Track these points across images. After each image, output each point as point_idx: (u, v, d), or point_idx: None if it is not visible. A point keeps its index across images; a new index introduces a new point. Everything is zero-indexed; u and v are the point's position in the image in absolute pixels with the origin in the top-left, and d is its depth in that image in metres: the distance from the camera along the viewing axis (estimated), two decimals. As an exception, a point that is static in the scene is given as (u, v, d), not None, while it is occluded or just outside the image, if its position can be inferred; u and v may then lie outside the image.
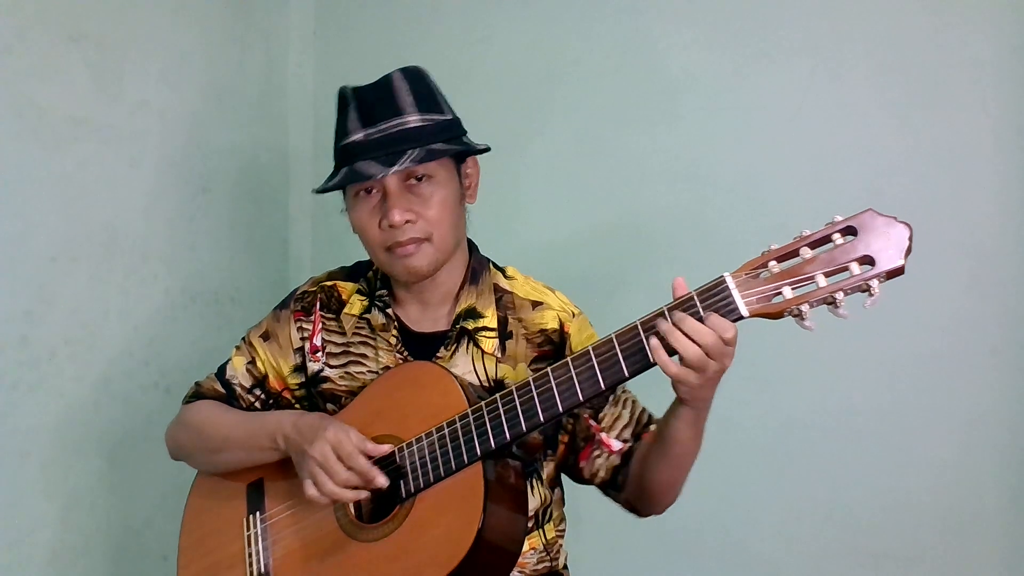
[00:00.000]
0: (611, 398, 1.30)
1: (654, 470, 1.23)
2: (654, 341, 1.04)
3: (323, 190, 1.26)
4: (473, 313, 1.31)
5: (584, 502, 1.37)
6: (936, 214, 1.62)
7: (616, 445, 1.28)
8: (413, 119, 1.22)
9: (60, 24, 1.64)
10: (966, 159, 1.64)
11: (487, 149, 1.30)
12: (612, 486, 1.30)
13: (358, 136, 1.23)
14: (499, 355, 1.30)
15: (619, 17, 1.92)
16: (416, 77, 1.26)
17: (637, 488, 1.27)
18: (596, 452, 1.29)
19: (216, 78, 2.02)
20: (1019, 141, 1.60)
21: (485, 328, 1.30)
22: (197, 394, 1.44)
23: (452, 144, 1.24)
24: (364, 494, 1.18)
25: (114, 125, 1.76)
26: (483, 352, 1.30)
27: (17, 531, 1.61)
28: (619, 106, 1.92)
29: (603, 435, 1.29)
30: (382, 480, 1.17)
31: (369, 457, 1.19)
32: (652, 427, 1.29)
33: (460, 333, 1.31)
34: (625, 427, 1.29)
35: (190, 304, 1.96)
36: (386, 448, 1.19)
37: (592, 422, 1.29)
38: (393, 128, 1.21)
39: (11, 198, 1.57)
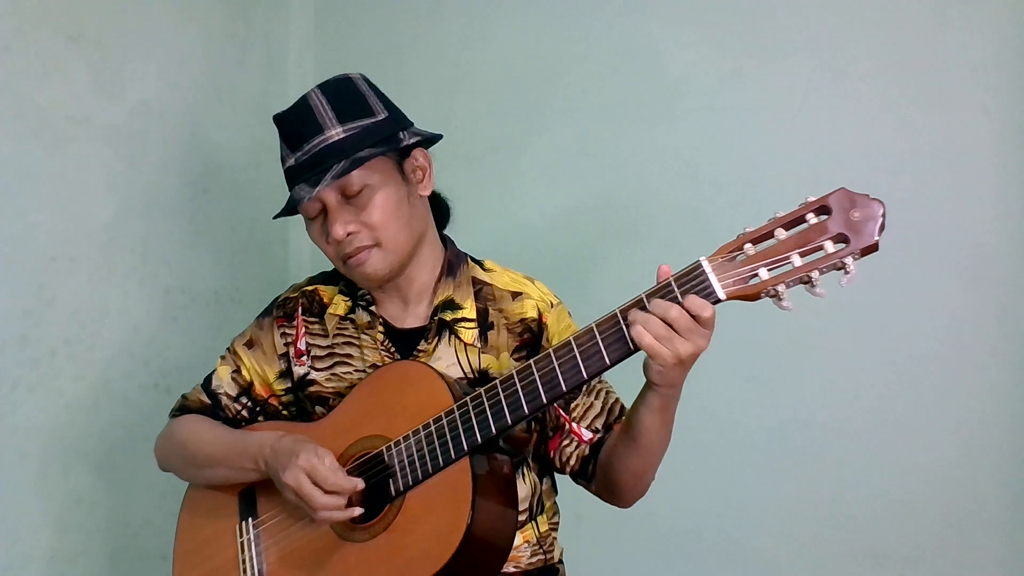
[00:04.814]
0: (585, 388, 1.30)
1: (621, 460, 1.23)
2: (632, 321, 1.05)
3: (277, 216, 1.31)
4: (451, 304, 1.32)
5: (584, 499, 1.37)
6: (936, 214, 1.62)
7: (587, 435, 1.29)
8: (334, 132, 1.23)
9: (60, 24, 1.64)
10: (966, 159, 1.64)
11: (435, 138, 1.31)
12: (582, 476, 1.31)
13: (290, 162, 1.27)
14: (480, 345, 1.30)
15: (619, 17, 1.92)
16: (335, 89, 1.27)
17: (605, 479, 1.27)
18: (565, 441, 1.30)
19: (216, 78, 2.02)
20: (1019, 141, 1.60)
21: (464, 319, 1.31)
22: (183, 407, 1.45)
23: (381, 146, 1.25)
24: (353, 512, 1.18)
25: (114, 125, 1.76)
26: (464, 343, 1.30)
27: (17, 531, 1.61)
28: (619, 106, 1.92)
29: (573, 425, 1.29)
30: (357, 511, 1.18)
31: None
32: (623, 420, 1.29)
33: (440, 325, 1.31)
34: (596, 417, 1.29)
35: (190, 304, 1.96)
36: (357, 481, 1.18)
37: (562, 412, 1.30)
38: (316, 147, 1.23)
39: (11, 198, 1.57)
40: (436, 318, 1.31)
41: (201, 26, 1.98)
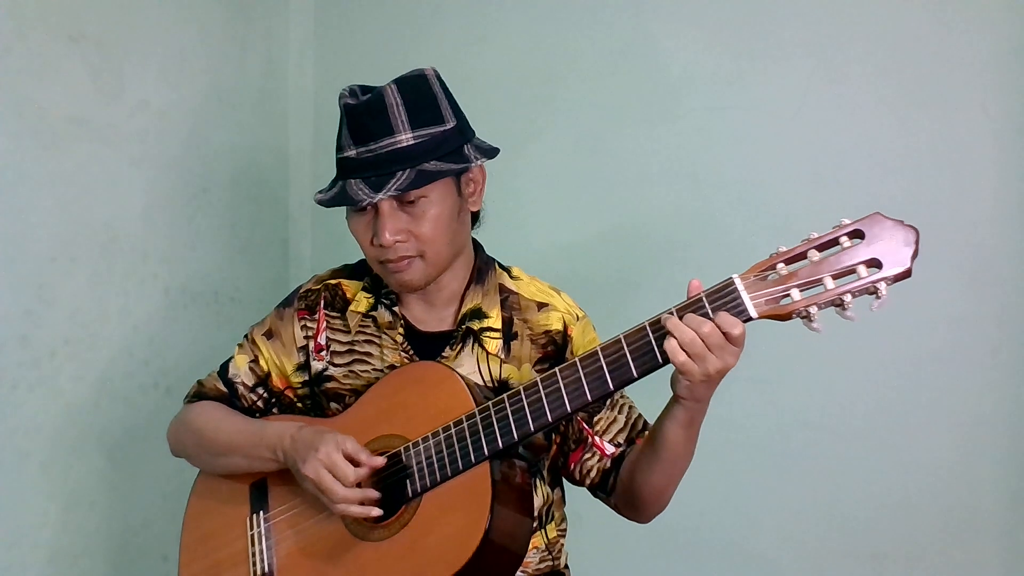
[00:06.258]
0: (608, 402, 1.30)
1: (644, 474, 1.23)
2: (667, 336, 1.04)
3: (325, 204, 1.25)
4: (478, 313, 1.31)
5: (585, 502, 1.37)
6: (936, 214, 1.62)
7: (609, 449, 1.28)
8: (405, 137, 1.20)
9: (60, 24, 1.64)
10: (966, 159, 1.64)
11: (493, 153, 1.28)
12: (602, 489, 1.30)
13: (350, 153, 1.22)
14: (503, 356, 1.30)
15: (619, 17, 1.92)
16: (413, 88, 1.23)
17: (626, 493, 1.27)
18: (587, 455, 1.29)
19: (216, 78, 2.02)
20: (1019, 141, 1.60)
21: (490, 329, 1.30)
22: (199, 393, 1.44)
23: (448, 160, 1.22)
24: (370, 511, 1.17)
25: (114, 125, 1.76)
26: (487, 353, 1.30)
27: (17, 531, 1.61)
28: (619, 106, 1.92)
29: (596, 438, 1.29)
30: (376, 512, 1.17)
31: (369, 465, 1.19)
32: (647, 433, 1.29)
33: (465, 333, 1.31)
34: (620, 432, 1.29)
35: (190, 304, 1.96)
36: (380, 460, 1.18)
37: (585, 425, 1.29)
38: (383, 149, 1.20)
39: (11, 198, 1.57)
40: (463, 326, 1.30)
41: (201, 26, 1.98)
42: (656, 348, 1.06)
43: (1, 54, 1.55)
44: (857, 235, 0.99)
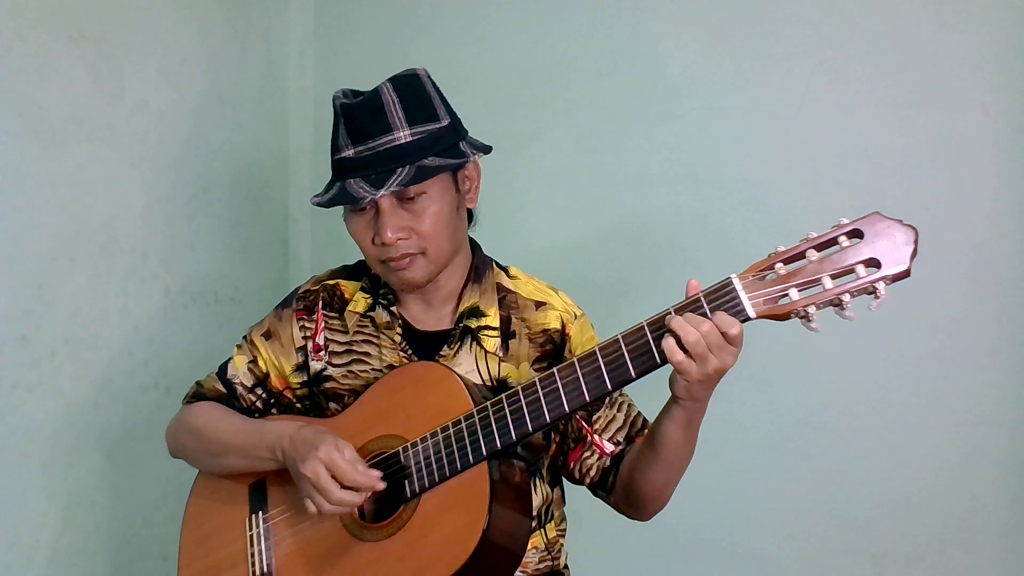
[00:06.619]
0: (607, 400, 1.30)
1: (643, 473, 1.23)
2: (665, 335, 1.05)
3: (323, 205, 1.25)
4: (476, 312, 1.31)
5: (584, 501, 1.37)
6: (936, 214, 1.62)
7: (608, 447, 1.29)
8: (403, 135, 1.21)
9: (60, 24, 1.64)
10: (966, 159, 1.64)
11: (487, 150, 1.29)
12: (601, 487, 1.30)
13: (348, 153, 1.23)
14: (501, 354, 1.30)
15: (619, 17, 1.92)
16: (407, 87, 1.24)
17: (625, 492, 1.27)
18: (587, 453, 1.30)
19: (216, 78, 2.02)
20: (1019, 141, 1.60)
21: (488, 327, 1.30)
22: (198, 394, 1.44)
23: (445, 156, 1.23)
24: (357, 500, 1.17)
25: (114, 125, 1.76)
26: (486, 351, 1.30)
27: (17, 531, 1.61)
28: (619, 106, 1.92)
29: (595, 436, 1.29)
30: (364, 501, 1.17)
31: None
32: (646, 431, 1.29)
33: (463, 332, 1.31)
34: (619, 430, 1.30)
35: (190, 304, 1.96)
36: (376, 474, 1.17)
37: (584, 424, 1.29)
38: (382, 146, 1.20)
39: (11, 198, 1.57)
40: (461, 325, 1.31)
41: (201, 26, 1.98)
42: (654, 348, 1.06)
43: (1, 54, 1.55)
44: (856, 235, 0.99)
